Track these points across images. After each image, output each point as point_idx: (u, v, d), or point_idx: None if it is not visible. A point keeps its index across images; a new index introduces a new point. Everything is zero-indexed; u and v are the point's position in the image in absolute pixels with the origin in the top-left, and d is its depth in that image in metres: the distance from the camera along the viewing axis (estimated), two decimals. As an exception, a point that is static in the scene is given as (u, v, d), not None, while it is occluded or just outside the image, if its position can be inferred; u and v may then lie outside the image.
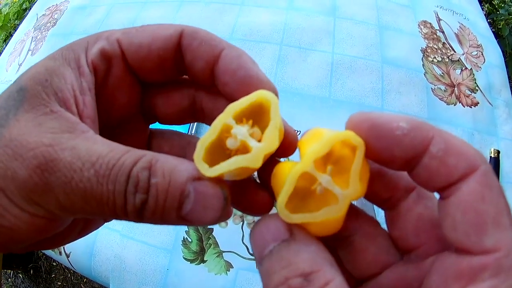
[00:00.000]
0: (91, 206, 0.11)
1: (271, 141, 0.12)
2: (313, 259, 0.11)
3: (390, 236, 0.14)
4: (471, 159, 0.11)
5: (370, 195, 0.14)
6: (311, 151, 0.12)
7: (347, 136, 0.12)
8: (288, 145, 0.14)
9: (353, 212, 0.14)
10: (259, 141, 0.12)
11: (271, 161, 0.14)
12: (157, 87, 0.16)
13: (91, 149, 0.11)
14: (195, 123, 0.50)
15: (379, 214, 0.36)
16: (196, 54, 0.14)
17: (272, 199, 0.15)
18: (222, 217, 0.12)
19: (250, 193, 0.14)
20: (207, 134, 0.11)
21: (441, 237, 0.12)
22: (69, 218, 0.13)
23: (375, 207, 0.15)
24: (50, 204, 0.11)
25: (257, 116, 0.13)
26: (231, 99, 0.14)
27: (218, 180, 0.12)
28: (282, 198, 0.11)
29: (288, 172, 0.12)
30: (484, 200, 0.11)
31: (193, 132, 0.50)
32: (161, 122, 0.17)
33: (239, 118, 0.12)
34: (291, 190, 0.11)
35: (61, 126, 0.12)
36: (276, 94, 0.14)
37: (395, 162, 0.12)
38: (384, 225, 0.15)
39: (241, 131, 0.12)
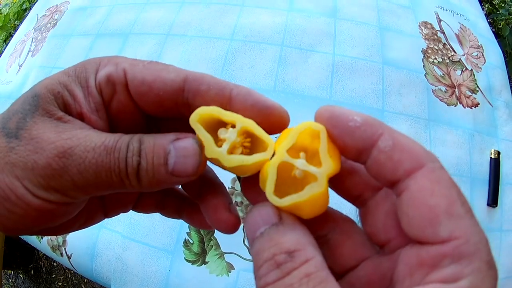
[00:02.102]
0: (101, 178, 0.14)
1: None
2: (297, 239, 0.13)
3: (365, 232, 0.15)
4: (416, 156, 0.12)
5: (343, 192, 0.16)
6: (282, 145, 0.14)
7: (308, 124, 0.14)
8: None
9: (330, 213, 0.15)
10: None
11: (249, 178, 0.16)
12: (164, 119, 0.18)
13: (101, 135, 0.14)
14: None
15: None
16: (207, 98, 0.15)
17: (238, 221, 0.17)
18: (201, 164, 0.14)
19: (221, 213, 0.17)
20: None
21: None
22: (79, 198, 0.15)
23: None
24: (65, 186, 0.13)
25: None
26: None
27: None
28: (269, 186, 0.13)
29: (265, 169, 0.14)
30: (434, 194, 0.12)
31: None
32: None
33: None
34: (274, 178, 0.13)
35: (74, 126, 0.14)
36: (288, 117, 0.16)
37: (348, 151, 0.14)
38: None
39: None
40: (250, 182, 0.16)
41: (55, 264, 1.03)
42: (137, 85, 0.15)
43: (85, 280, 1.00)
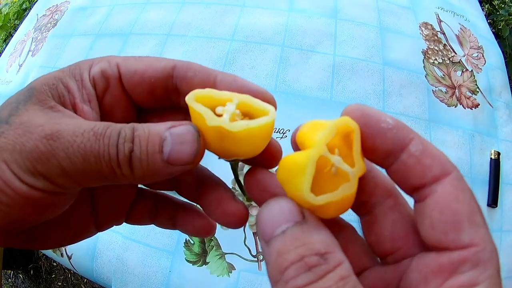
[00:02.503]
0: (90, 164, 0.13)
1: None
2: (325, 241, 0.12)
3: (367, 240, 0.15)
4: (444, 164, 0.12)
5: None
6: (321, 137, 0.13)
7: (346, 120, 0.13)
8: (272, 156, 0.16)
9: (332, 220, 0.14)
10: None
11: (254, 171, 0.16)
12: (154, 112, 0.18)
13: (91, 122, 0.14)
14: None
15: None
16: (193, 83, 0.15)
17: (247, 211, 0.16)
18: (199, 152, 0.14)
19: (226, 204, 0.16)
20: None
21: (415, 240, 0.13)
22: (68, 188, 0.14)
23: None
24: (53, 171, 0.13)
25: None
26: None
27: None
28: (307, 181, 0.12)
29: (301, 161, 0.12)
30: (459, 201, 0.12)
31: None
32: None
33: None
34: (313, 172, 0.12)
35: (64, 114, 0.14)
36: (275, 103, 0.15)
37: (377, 153, 0.13)
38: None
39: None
40: (255, 177, 0.16)
41: (54, 264, 1.03)
42: (130, 75, 0.16)
43: (85, 280, 1.00)
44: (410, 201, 0.14)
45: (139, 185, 0.19)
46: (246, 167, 0.17)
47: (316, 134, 0.13)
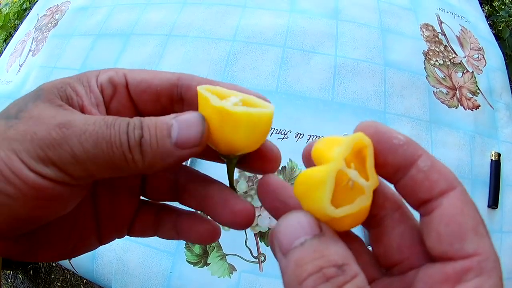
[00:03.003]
0: (102, 150, 0.13)
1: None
2: (342, 253, 0.13)
3: (374, 252, 0.15)
4: (450, 179, 0.13)
5: None
6: (339, 152, 0.13)
7: (360, 136, 0.14)
8: (271, 160, 0.17)
9: (344, 233, 0.15)
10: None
11: (267, 180, 0.16)
12: None
13: (99, 116, 0.14)
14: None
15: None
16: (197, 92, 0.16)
17: (254, 209, 0.16)
18: (204, 134, 0.14)
19: (233, 204, 0.16)
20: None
21: (421, 252, 0.14)
22: (78, 177, 0.14)
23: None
24: (64, 157, 0.13)
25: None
26: None
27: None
28: (327, 195, 0.13)
29: (321, 175, 0.13)
30: (464, 214, 0.12)
31: (188, 164, 0.49)
32: None
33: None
34: (332, 186, 0.13)
35: (74, 111, 0.15)
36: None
37: (387, 168, 0.14)
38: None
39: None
40: (268, 186, 0.16)
41: (54, 264, 1.03)
42: (137, 83, 0.17)
43: (84, 281, 1.00)
44: (415, 215, 0.15)
45: (141, 198, 0.19)
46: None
47: (332, 149, 0.14)
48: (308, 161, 0.15)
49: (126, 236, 0.19)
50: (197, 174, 0.18)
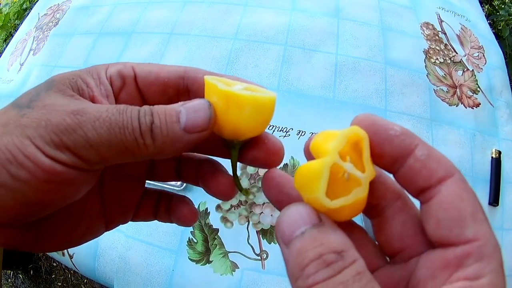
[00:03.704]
0: (115, 134, 0.14)
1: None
2: (341, 240, 0.13)
3: (377, 241, 0.16)
4: (448, 166, 0.13)
5: None
6: (333, 146, 0.14)
7: (355, 129, 0.14)
8: (274, 153, 0.17)
9: (345, 223, 0.15)
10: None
11: (271, 174, 0.17)
12: None
13: (111, 105, 0.15)
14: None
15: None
16: (203, 83, 0.17)
17: (234, 184, 0.18)
18: (211, 118, 0.15)
19: (218, 177, 0.18)
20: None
21: (423, 239, 0.14)
22: (91, 162, 0.14)
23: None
24: (78, 142, 0.13)
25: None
26: None
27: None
28: (322, 186, 0.13)
29: (316, 167, 0.14)
30: (462, 200, 0.13)
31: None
32: None
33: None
34: (327, 178, 0.13)
35: (85, 101, 0.15)
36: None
37: (385, 158, 0.14)
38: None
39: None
40: (272, 179, 0.17)
41: (54, 264, 1.03)
42: (145, 76, 0.17)
43: (85, 280, 1.00)
44: (416, 203, 0.15)
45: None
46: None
47: (328, 143, 0.14)
48: (309, 154, 0.16)
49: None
50: (194, 154, 0.20)
